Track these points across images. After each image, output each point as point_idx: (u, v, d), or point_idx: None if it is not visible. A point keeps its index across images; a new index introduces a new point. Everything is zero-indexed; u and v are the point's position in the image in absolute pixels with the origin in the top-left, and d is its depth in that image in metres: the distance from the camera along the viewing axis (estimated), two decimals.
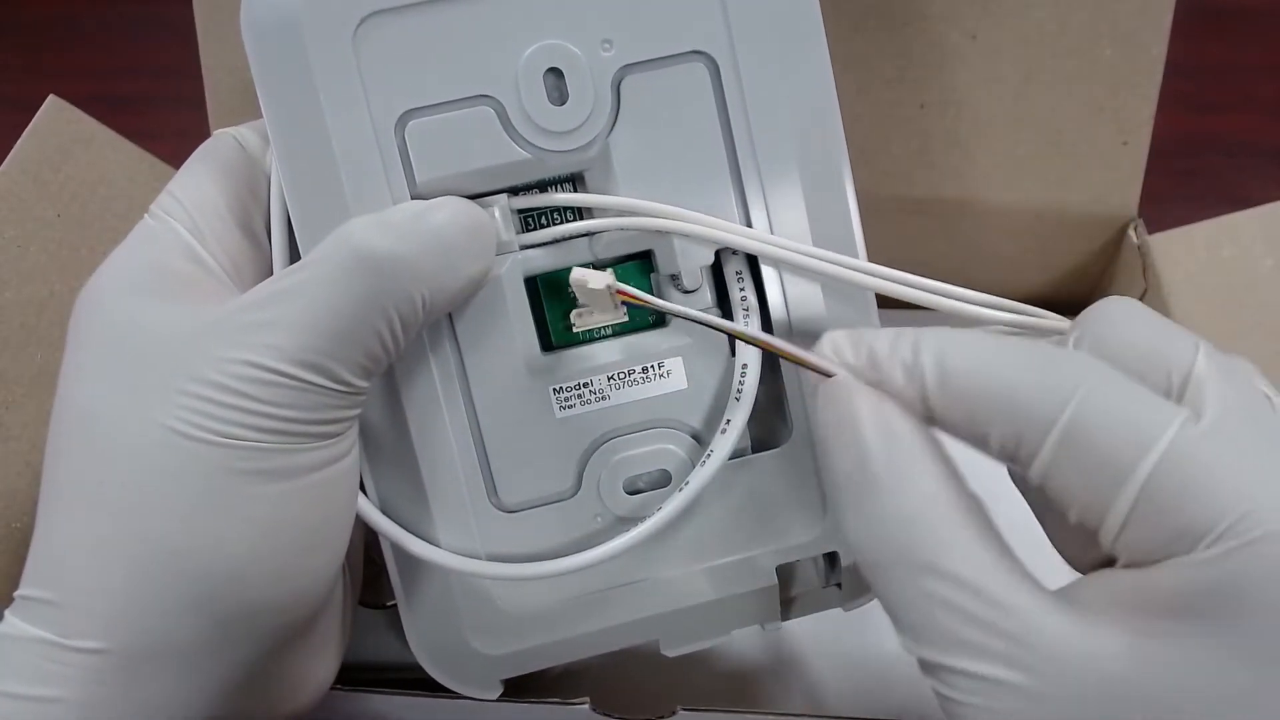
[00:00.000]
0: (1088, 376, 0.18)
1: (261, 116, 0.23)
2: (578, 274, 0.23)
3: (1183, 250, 0.36)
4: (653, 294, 0.25)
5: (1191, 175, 0.51)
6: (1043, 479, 0.19)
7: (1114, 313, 0.20)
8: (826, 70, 0.24)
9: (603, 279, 0.23)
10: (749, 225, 0.24)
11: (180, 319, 0.21)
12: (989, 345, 0.19)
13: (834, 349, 0.21)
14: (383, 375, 0.23)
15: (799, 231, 0.24)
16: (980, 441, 0.19)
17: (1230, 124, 0.53)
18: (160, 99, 0.54)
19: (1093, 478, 0.18)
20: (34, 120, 0.32)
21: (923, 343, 0.20)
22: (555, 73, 0.23)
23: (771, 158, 0.24)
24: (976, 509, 0.19)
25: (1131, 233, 0.37)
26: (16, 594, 0.21)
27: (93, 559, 0.20)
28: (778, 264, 0.24)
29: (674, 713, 0.27)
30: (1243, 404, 0.19)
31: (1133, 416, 0.18)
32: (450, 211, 0.22)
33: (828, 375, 0.21)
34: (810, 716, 0.29)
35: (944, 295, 0.24)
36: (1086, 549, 0.20)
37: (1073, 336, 0.20)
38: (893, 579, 0.19)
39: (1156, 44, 0.34)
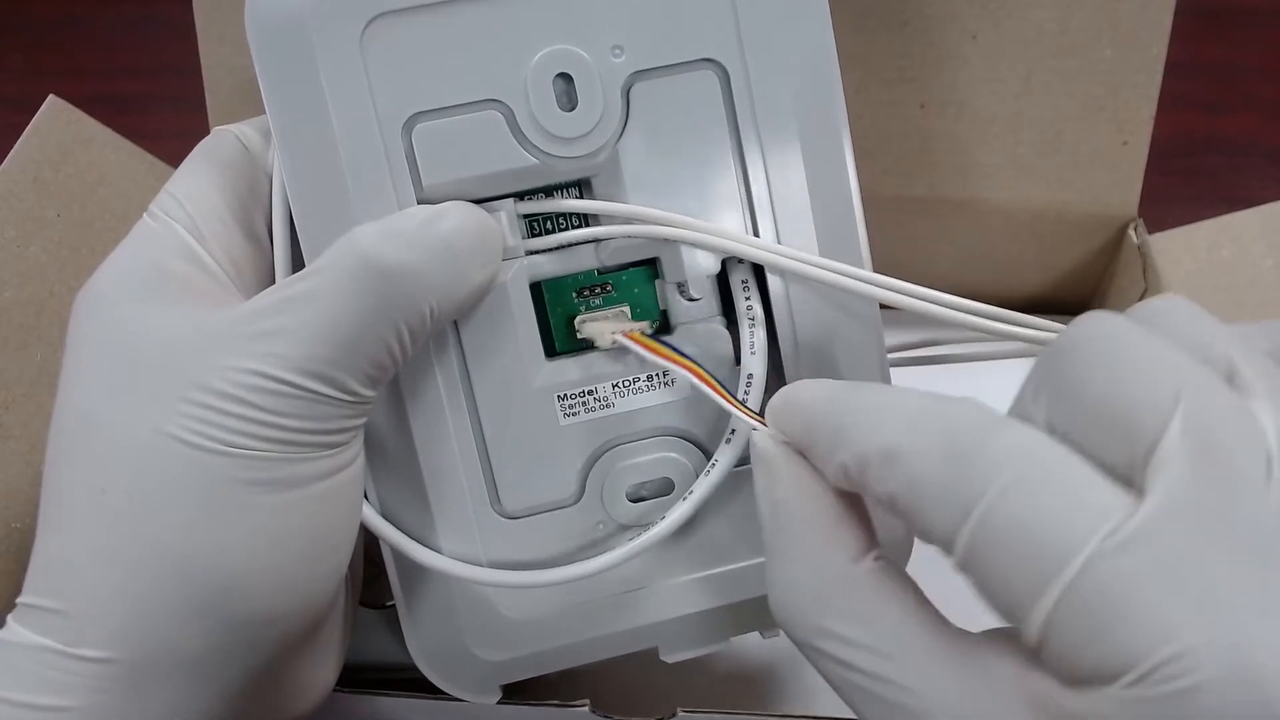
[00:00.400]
0: (1006, 468, 0.16)
1: (261, 113, 0.23)
2: (588, 330, 0.24)
3: (1183, 250, 0.36)
4: (656, 300, 0.25)
5: (1191, 175, 0.51)
6: (963, 572, 0.17)
7: (1079, 353, 0.17)
8: (836, 81, 0.24)
9: (608, 333, 0.24)
10: (756, 234, 0.24)
11: (182, 324, 0.21)
12: (905, 431, 0.17)
13: (782, 406, 0.20)
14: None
15: (806, 241, 0.24)
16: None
17: (1230, 124, 0.53)
18: (160, 99, 0.54)
19: (1006, 588, 0.16)
20: (34, 120, 0.32)
21: (840, 438, 0.18)
22: (565, 78, 0.23)
23: (780, 167, 0.24)
24: (874, 576, 0.18)
25: (1131, 233, 0.37)
26: (19, 601, 0.20)
27: (98, 568, 0.20)
28: (784, 273, 0.24)
29: (673, 714, 0.27)
30: (1208, 489, 0.15)
31: (1051, 520, 0.15)
32: (458, 218, 0.22)
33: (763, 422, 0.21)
34: (809, 718, 0.29)
35: (949, 307, 0.24)
36: None
37: (1033, 384, 0.17)
38: (793, 636, 0.19)
39: (1156, 44, 0.34)
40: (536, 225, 0.24)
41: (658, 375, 0.25)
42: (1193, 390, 0.15)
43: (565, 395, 0.25)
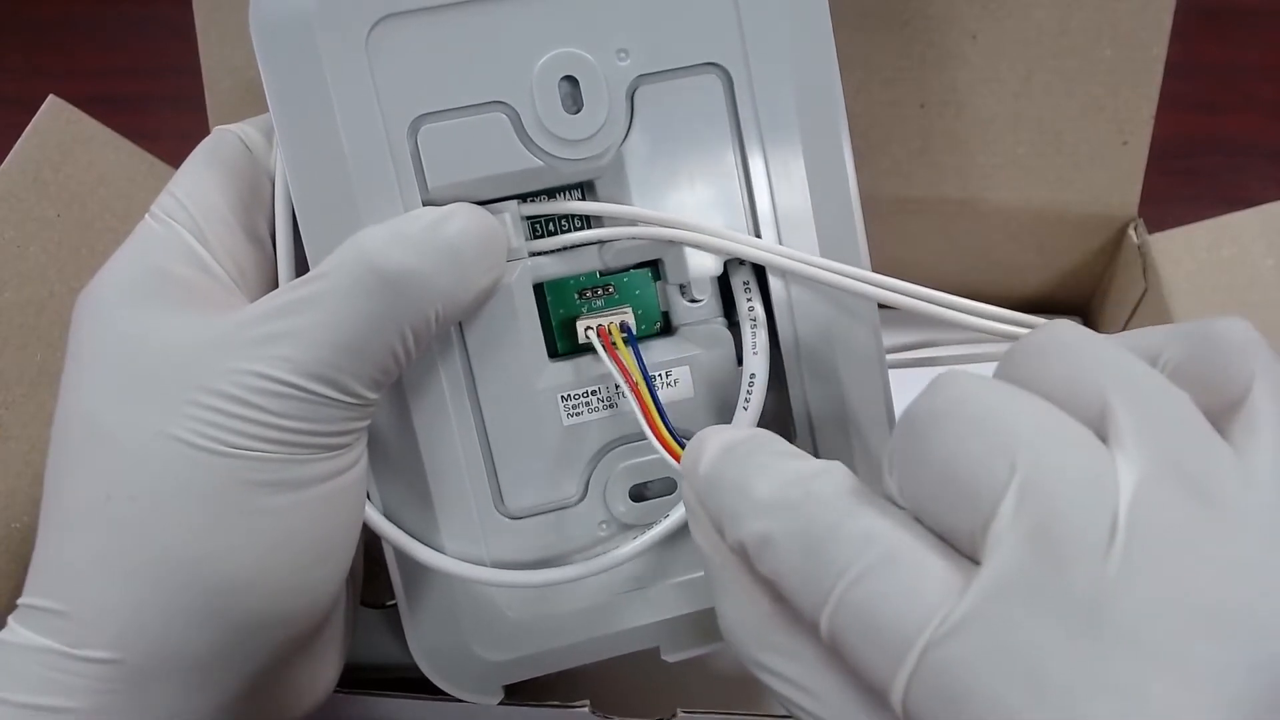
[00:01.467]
0: (855, 557, 0.16)
1: (265, 112, 0.23)
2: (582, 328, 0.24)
3: (1183, 250, 0.36)
4: (658, 302, 0.25)
5: (1191, 175, 0.51)
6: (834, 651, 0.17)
7: (923, 423, 0.16)
8: (837, 86, 0.24)
9: (583, 328, 0.24)
10: (757, 236, 0.24)
11: (187, 327, 0.21)
12: (773, 517, 0.17)
13: (688, 467, 0.20)
14: None
15: (807, 243, 0.24)
16: None
17: (1230, 124, 0.53)
18: (160, 99, 0.54)
19: (866, 672, 0.16)
20: (34, 120, 0.32)
21: (726, 519, 0.18)
22: (570, 81, 0.23)
23: (782, 170, 0.24)
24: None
25: (1131, 233, 0.37)
26: (21, 602, 0.20)
27: (102, 570, 0.20)
28: (785, 274, 0.24)
29: (673, 715, 0.27)
30: (1038, 564, 0.14)
31: (893, 609, 0.15)
32: (464, 221, 0.22)
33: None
34: None
35: (947, 306, 0.24)
36: None
37: (888, 456, 0.17)
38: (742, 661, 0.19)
39: (1156, 44, 0.34)
40: (539, 226, 0.24)
41: (660, 375, 0.25)
42: (1033, 456, 0.15)
43: (569, 395, 0.25)
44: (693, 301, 0.25)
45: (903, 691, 0.15)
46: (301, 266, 0.23)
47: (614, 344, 0.24)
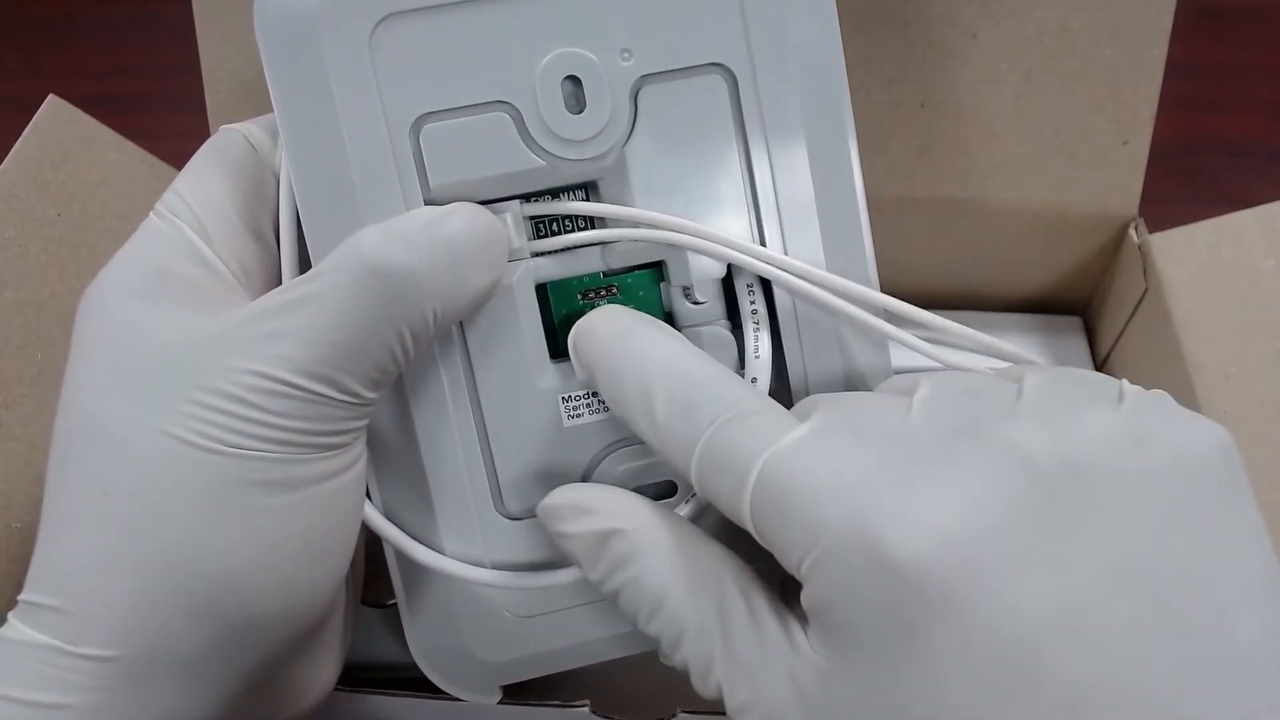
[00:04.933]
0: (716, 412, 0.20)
1: (265, 112, 0.23)
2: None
3: (1183, 250, 0.36)
4: (661, 304, 0.25)
5: (1191, 175, 0.51)
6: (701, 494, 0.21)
7: None
8: (843, 88, 0.24)
9: None
10: (762, 241, 0.24)
11: (188, 325, 0.21)
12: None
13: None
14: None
15: (812, 248, 0.24)
16: None
17: (1230, 124, 0.53)
18: (160, 99, 0.54)
19: (722, 507, 0.21)
20: (34, 120, 0.32)
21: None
22: (573, 80, 0.23)
23: (786, 172, 0.24)
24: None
25: (1132, 232, 0.37)
26: (20, 598, 0.20)
27: (100, 567, 0.20)
28: (790, 290, 0.24)
29: (674, 715, 0.27)
30: (852, 413, 0.20)
31: (742, 441, 0.20)
32: (463, 221, 0.22)
33: None
34: None
35: (950, 330, 0.24)
36: None
37: None
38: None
39: (1157, 44, 0.34)
40: (543, 227, 0.24)
41: None
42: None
43: (569, 397, 0.24)
44: (696, 304, 0.25)
45: (749, 513, 0.20)
46: (304, 265, 0.23)
47: None
